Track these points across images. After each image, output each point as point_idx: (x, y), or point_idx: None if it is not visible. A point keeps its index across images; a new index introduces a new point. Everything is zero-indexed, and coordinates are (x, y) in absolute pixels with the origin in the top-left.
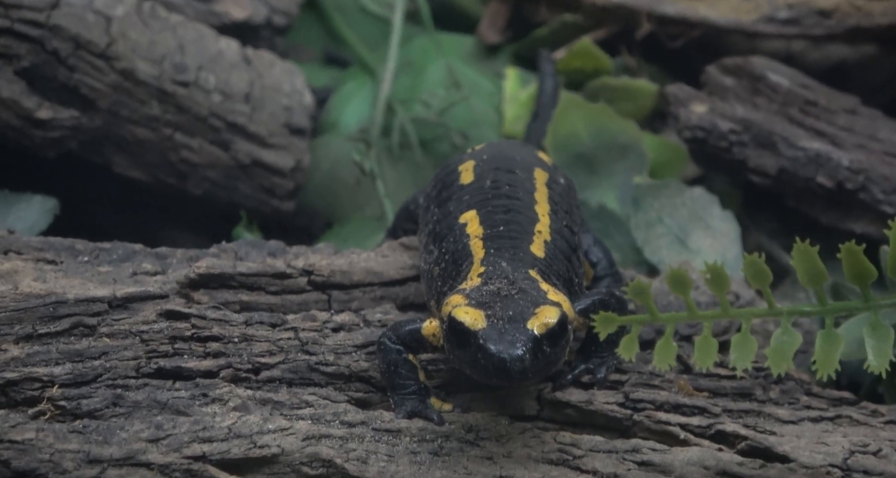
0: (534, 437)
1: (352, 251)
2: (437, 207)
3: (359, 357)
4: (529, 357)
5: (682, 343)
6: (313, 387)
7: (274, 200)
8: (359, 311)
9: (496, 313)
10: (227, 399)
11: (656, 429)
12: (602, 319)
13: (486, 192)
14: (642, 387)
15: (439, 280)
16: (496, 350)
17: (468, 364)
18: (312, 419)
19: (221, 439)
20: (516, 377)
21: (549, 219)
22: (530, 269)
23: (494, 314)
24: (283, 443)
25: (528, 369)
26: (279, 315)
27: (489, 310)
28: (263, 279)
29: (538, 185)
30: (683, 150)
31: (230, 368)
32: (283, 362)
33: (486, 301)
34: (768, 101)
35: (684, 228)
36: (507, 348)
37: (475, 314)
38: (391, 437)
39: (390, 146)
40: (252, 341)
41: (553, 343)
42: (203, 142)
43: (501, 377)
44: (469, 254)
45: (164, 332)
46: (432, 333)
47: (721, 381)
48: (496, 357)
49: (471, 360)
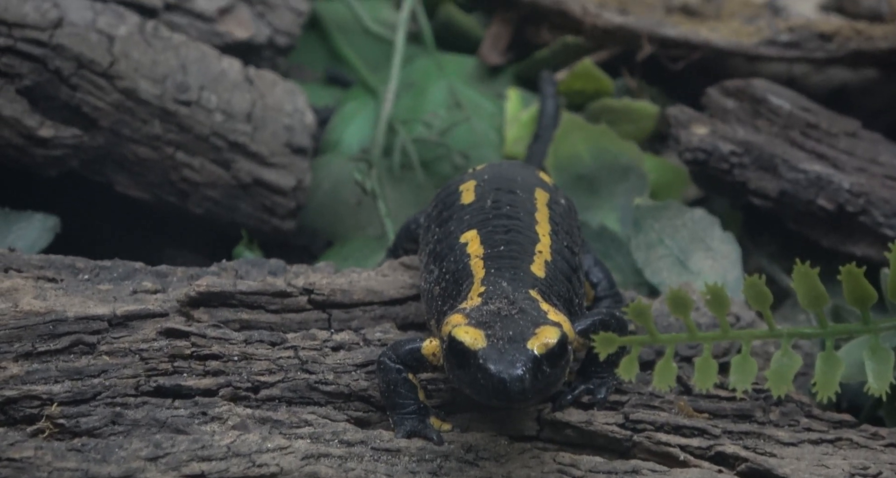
0: (533, 457)
1: (352, 270)
2: (437, 227)
3: (358, 376)
4: (529, 377)
5: (683, 364)
6: (312, 406)
7: (275, 219)
8: (359, 330)
9: (496, 333)
10: (226, 418)
11: (656, 450)
12: (602, 340)
13: (487, 212)
14: (642, 408)
15: (439, 300)
16: (496, 370)
17: (468, 384)
18: (311, 438)
19: (220, 457)
20: (516, 398)
21: (550, 239)
22: (531, 289)
23: (494, 334)
24: (282, 462)
25: (527, 389)
26: (279, 334)
27: (489, 329)
28: (263, 298)
29: (539, 205)
30: (684, 171)
31: (229, 386)
32: (283, 381)
33: (486, 321)
34: (769, 124)
35: (685, 250)
36: (507, 368)
37: (475, 334)
38: (390, 456)
39: (391, 166)
40: (252, 360)
41: (553, 363)
42: (204, 161)
43: (501, 398)
44: (469, 273)
45: (164, 350)
46: (432, 353)
47: (721, 402)
48: (496, 377)
49: (470, 380)
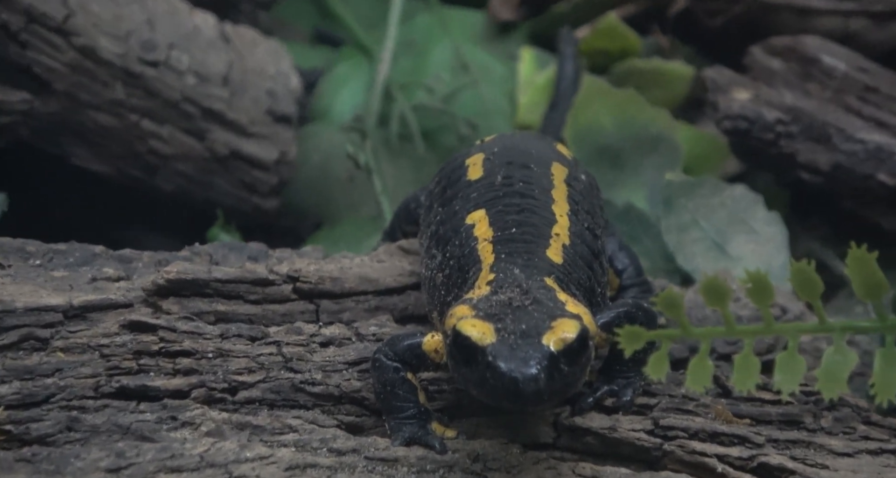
0: (549, 468)
1: (343, 255)
2: (440, 207)
3: (350, 376)
4: (545, 377)
5: (720, 362)
6: (298, 409)
7: (255, 198)
8: (351, 323)
9: (507, 327)
10: (199, 423)
11: (690, 461)
12: (628, 335)
13: (497, 189)
14: (674, 412)
15: (443, 289)
16: (507, 369)
17: (475, 385)
18: (297, 446)
19: (192, 468)
20: (530, 400)
21: (569, 220)
22: (546, 276)
23: (505, 328)
24: (263, 473)
25: (543, 390)
26: (260, 328)
27: (499, 323)
28: (242, 287)
29: (556, 181)
30: (723, 143)
31: (203, 387)
32: (264, 381)
33: (495, 313)
34: (821, 88)
35: (723, 232)
36: (520, 367)
37: (483, 328)
38: (386, 467)
39: (388, 137)
40: (228, 357)
41: (572, 361)
42: (174, 130)
43: (513, 400)
44: (477, 259)
45: (128, 346)
46: (434, 349)
47: (764, 406)
48: (507, 377)
49: (478, 380)
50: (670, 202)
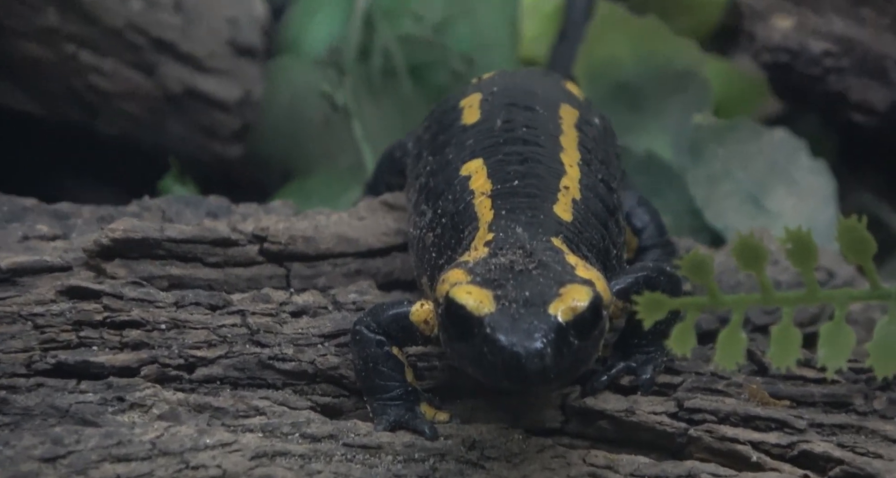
0: (556, 457)
1: (318, 212)
2: (431, 155)
3: (326, 350)
4: (552, 352)
5: (755, 335)
6: (266, 389)
7: (214, 144)
8: (327, 290)
9: (508, 294)
10: (150, 405)
11: (719, 448)
12: (648, 303)
13: (497, 135)
14: (701, 393)
15: (433, 250)
16: (508, 343)
17: (470, 361)
18: (264, 432)
19: (142, 457)
20: (534, 379)
21: (580, 171)
22: (553, 236)
23: (506, 295)
24: (226, 463)
25: (549, 367)
26: (221, 295)
27: (499, 290)
28: (200, 247)
29: (565, 126)
30: (761, 79)
31: (155, 363)
32: (226, 357)
33: (494, 278)
34: (877, 14)
35: (760, 184)
36: (523, 340)
37: (480, 295)
38: (368, 455)
39: (369, 74)
40: (185, 329)
41: (583, 334)
42: (118, 64)
43: (514, 379)
44: (473, 217)
45: (66, 316)
46: (424, 320)
47: (807, 386)
48: (508, 352)
49: (474, 356)
50: (698, 150)
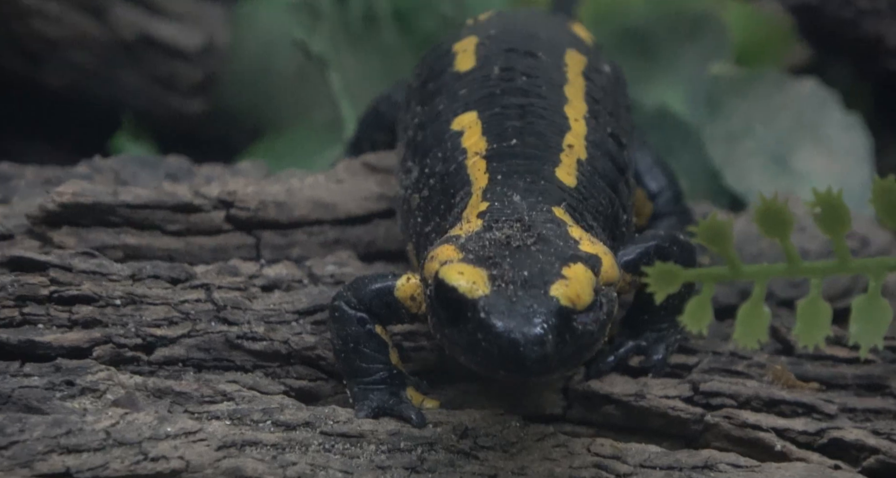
0: (558, 446)
1: (291, 174)
2: (420, 105)
3: (301, 328)
4: (553, 338)
5: (780, 310)
6: (234, 372)
7: (174, 97)
8: (301, 261)
9: (504, 274)
10: (103, 390)
11: (740, 436)
12: (660, 275)
13: (493, 84)
14: (719, 374)
15: (419, 214)
16: (505, 328)
17: (463, 348)
18: (232, 419)
19: (95, 447)
20: (534, 368)
21: (586, 125)
22: (555, 205)
23: (502, 275)
24: (189, 454)
25: (550, 355)
26: (183, 267)
27: (494, 269)
28: (159, 213)
29: (571, 74)
30: (787, 24)
31: (109, 343)
32: (189, 336)
33: (489, 256)
34: None
35: (786, 142)
36: (521, 325)
37: (474, 275)
38: (349, 445)
39: (348, 20)
40: (142, 305)
41: (588, 318)
42: (65, 7)
43: (512, 368)
44: (465, 180)
45: (8, 290)
46: (410, 296)
47: (838, 366)
48: (505, 338)
49: (467, 342)
50: (717, 103)
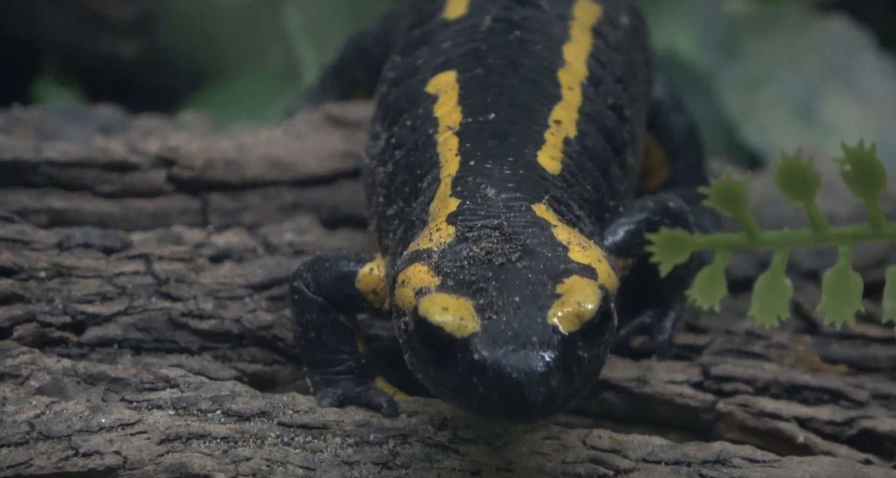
0: (549, 438)
1: (243, 127)
2: (400, 55)
3: (256, 305)
4: (559, 373)
5: (804, 283)
6: (178, 354)
7: (103, 38)
8: (255, 228)
9: (492, 302)
10: (26, 375)
11: (756, 426)
12: (666, 242)
13: (481, 38)
14: (733, 356)
15: (382, 193)
16: (503, 370)
17: (454, 392)
18: (177, 408)
19: (17, 441)
20: (539, 412)
21: (581, 95)
22: (536, 202)
23: (491, 305)
24: (127, 448)
25: (557, 393)
26: (118, 234)
27: (481, 297)
28: (90, 173)
29: (577, 30)
30: None
31: (32, 322)
32: (126, 313)
33: (471, 280)
34: None
35: (812, 90)
36: (522, 364)
37: (460, 309)
38: (310, 437)
39: None
40: (71, 278)
41: (592, 342)
42: None
43: (515, 413)
44: (434, 161)
45: None
46: (373, 289)
47: (869, 347)
48: (505, 382)
49: (458, 385)
50: (733, 46)
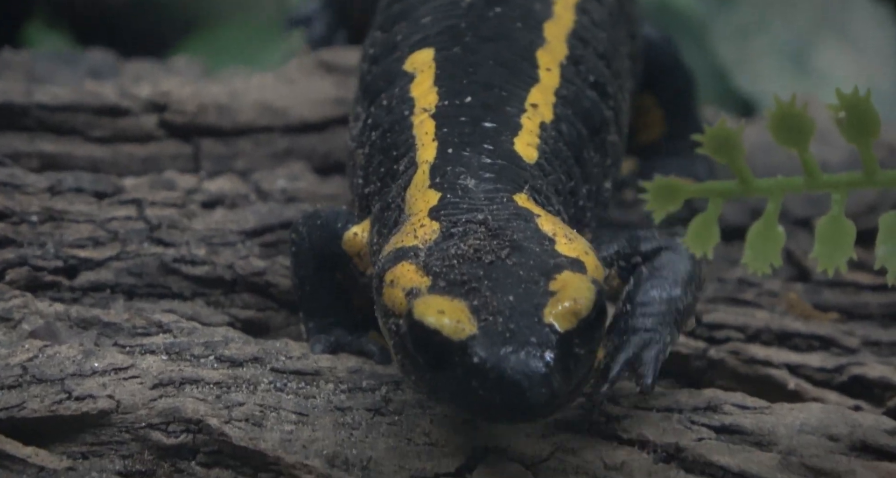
0: None
1: (235, 72)
2: (380, 29)
3: (248, 251)
4: (559, 372)
5: (795, 230)
6: (171, 300)
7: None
8: (248, 174)
9: (487, 302)
10: (18, 319)
11: (748, 373)
12: (659, 190)
13: (460, 15)
14: (724, 304)
15: (361, 174)
16: (503, 372)
17: (451, 395)
18: (169, 353)
19: (10, 384)
20: (541, 411)
21: (560, 76)
22: (517, 192)
23: (485, 305)
24: (120, 392)
25: (558, 393)
26: (110, 179)
27: (475, 298)
28: (81, 117)
29: (559, 7)
30: None
31: (24, 265)
32: (118, 258)
33: (463, 280)
34: None
35: (805, 38)
36: (522, 364)
37: (455, 311)
38: (303, 383)
39: None
40: (63, 223)
41: (586, 339)
42: None
43: (516, 414)
44: (410, 145)
45: None
46: (357, 253)
47: (861, 294)
48: (505, 383)
49: (456, 389)
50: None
